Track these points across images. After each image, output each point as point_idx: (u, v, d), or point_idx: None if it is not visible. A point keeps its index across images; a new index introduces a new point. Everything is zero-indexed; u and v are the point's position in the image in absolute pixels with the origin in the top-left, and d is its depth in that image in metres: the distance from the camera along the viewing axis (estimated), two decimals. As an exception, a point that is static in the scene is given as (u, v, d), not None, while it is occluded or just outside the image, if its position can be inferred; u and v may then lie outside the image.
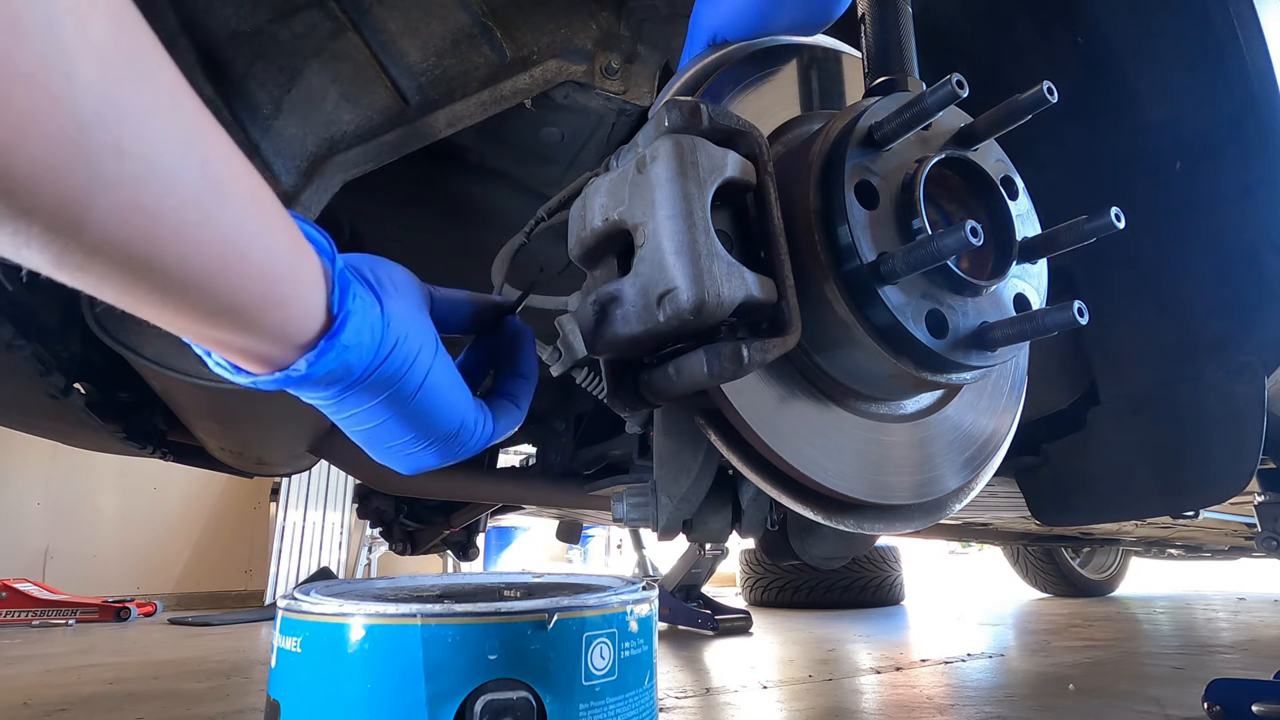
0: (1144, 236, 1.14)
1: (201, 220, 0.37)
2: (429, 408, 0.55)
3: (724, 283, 0.52)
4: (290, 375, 0.48)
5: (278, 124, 0.91)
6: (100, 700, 1.87)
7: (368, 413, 0.53)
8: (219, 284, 0.40)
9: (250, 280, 0.41)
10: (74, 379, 1.29)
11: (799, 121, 0.73)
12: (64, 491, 4.59)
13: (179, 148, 0.35)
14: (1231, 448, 1.13)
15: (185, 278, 0.38)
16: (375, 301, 0.51)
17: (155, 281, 0.37)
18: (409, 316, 0.53)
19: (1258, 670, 2.10)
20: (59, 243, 0.33)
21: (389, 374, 0.51)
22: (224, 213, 0.38)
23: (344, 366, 0.48)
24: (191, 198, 0.36)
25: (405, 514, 2.48)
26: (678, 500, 0.69)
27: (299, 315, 0.46)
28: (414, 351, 0.53)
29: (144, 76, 0.34)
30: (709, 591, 3.61)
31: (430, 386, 0.54)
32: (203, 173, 0.37)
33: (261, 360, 0.47)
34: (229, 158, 0.39)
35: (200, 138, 0.37)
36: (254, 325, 0.44)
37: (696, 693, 1.93)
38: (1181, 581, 6.17)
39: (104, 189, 0.32)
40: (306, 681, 0.72)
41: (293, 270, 0.45)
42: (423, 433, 0.56)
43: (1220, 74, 1.05)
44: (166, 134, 0.35)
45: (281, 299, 0.44)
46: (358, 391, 0.51)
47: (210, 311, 0.41)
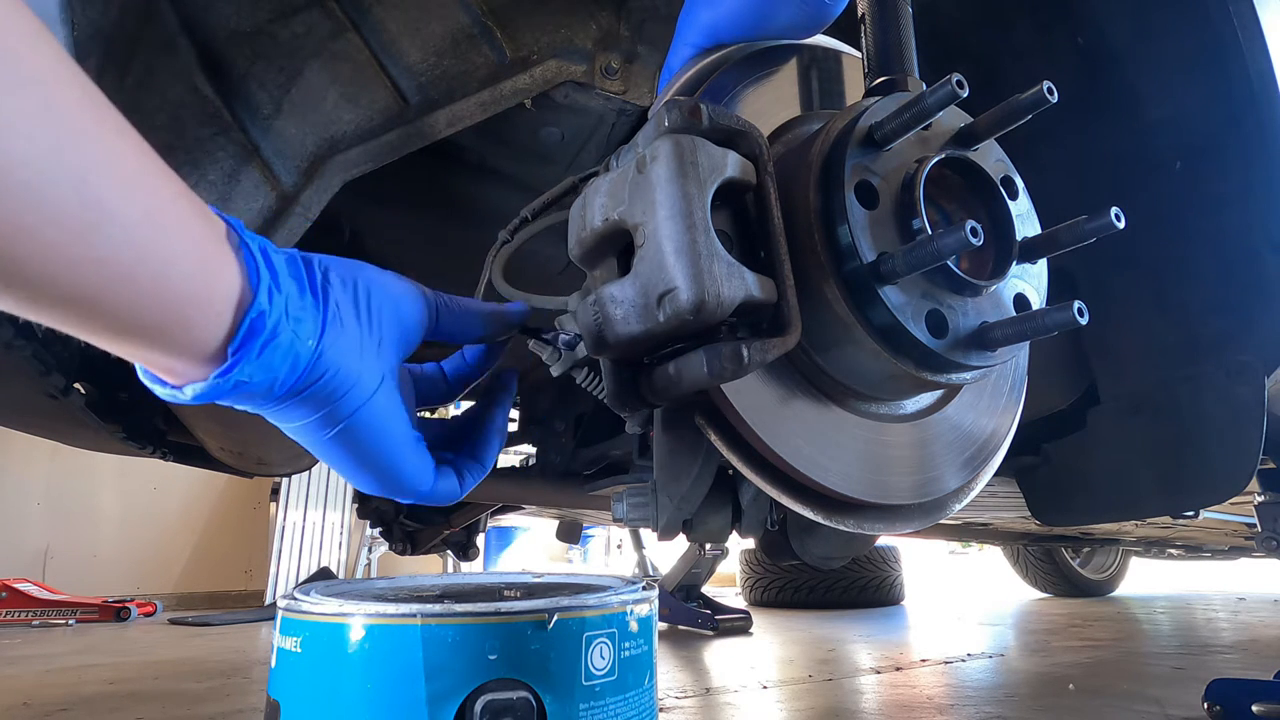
0: (1144, 236, 1.14)
1: (71, 240, 0.34)
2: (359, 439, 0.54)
3: (724, 283, 0.52)
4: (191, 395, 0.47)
5: (278, 124, 0.91)
6: (100, 700, 1.87)
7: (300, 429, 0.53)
8: (102, 302, 0.37)
9: (139, 300, 0.39)
10: (74, 379, 1.29)
11: (799, 121, 0.73)
12: (64, 491, 4.59)
13: (48, 161, 0.33)
14: (1231, 448, 1.13)
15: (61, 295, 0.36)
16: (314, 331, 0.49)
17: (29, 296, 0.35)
18: (351, 349, 0.52)
19: (1258, 670, 2.10)
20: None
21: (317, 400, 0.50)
22: (104, 233, 0.36)
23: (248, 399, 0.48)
24: (61, 215, 0.33)
25: (405, 514, 2.48)
26: (678, 500, 0.69)
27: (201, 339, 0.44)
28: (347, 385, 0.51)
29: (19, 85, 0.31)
30: (709, 591, 3.61)
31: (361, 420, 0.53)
32: (78, 190, 0.34)
33: (173, 374, 0.47)
34: (121, 169, 0.37)
35: (81, 152, 0.34)
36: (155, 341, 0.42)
37: (696, 693, 1.93)
38: (1181, 581, 6.17)
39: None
40: (306, 681, 0.72)
41: (194, 293, 0.43)
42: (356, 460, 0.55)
43: (1220, 73, 1.05)
44: (29, 146, 0.32)
45: (181, 320, 0.42)
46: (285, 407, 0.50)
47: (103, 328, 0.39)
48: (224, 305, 0.45)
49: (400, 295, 0.57)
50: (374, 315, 0.54)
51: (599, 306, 0.58)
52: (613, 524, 2.73)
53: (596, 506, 1.75)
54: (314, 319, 0.49)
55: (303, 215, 0.94)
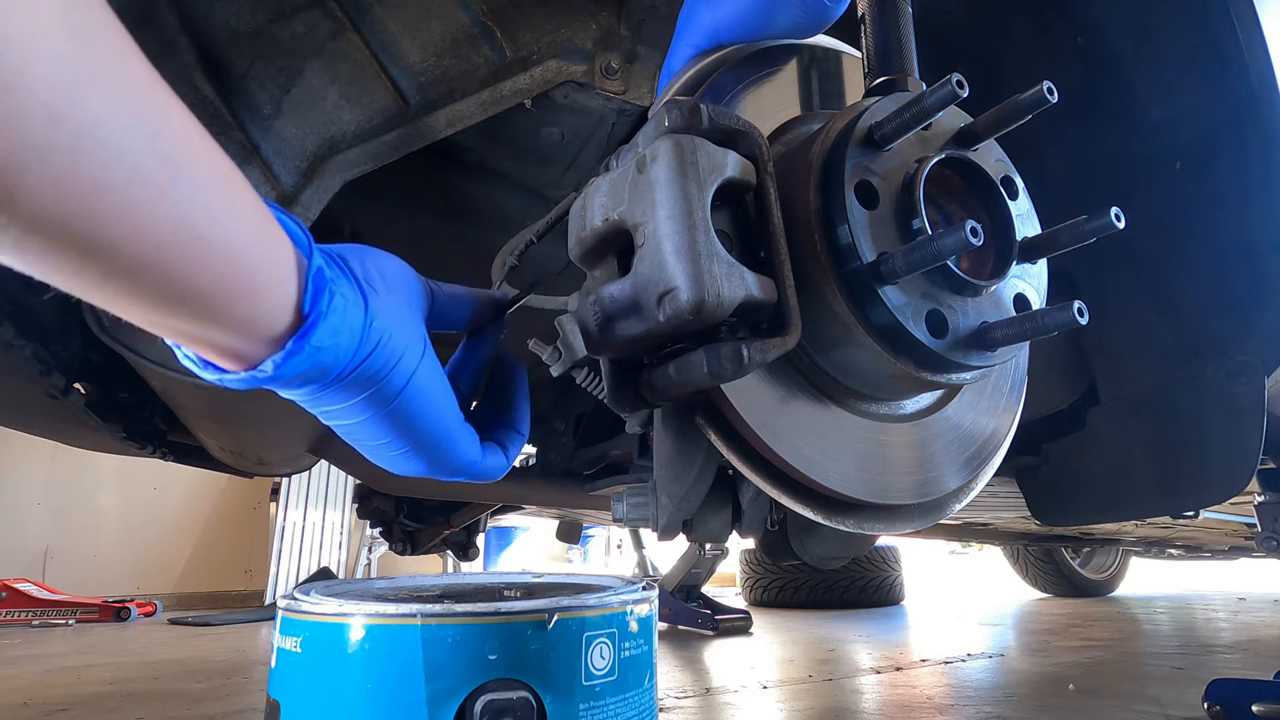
0: (1144, 236, 1.14)
1: (153, 198, 0.34)
2: (410, 412, 0.52)
3: (724, 283, 0.52)
4: (256, 375, 0.45)
5: (278, 124, 0.91)
6: (100, 700, 1.87)
7: (346, 410, 0.51)
8: (175, 268, 0.36)
9: (211, 266, 0.38)
10: (74, 379, 1.29)
11: (799, 121, 0.73)
12: (64, 491, 4.59)
13: (124, 117, 0.32)
14: (1231, 448, 1.13)
15: (137, 260, 0.35)
16: (359, 298, 0.48)
17: (103, 263, 0.34)
18: (395, 315, 0.51)
19: (1258, 670, 2.10)
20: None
21: (369, 374, 0.49)
22: (179, 190, 0.35)
23: (317, 367, 0.46)
24: (140, 172, 0.33)
25: (405, 514, 2.48)
26: (678, 500, 0.69)
27: (268, 310, 0.43)
28: (398, 352, 0.50)
29: (82, 34, 0.30)
30: (709, 591, 3.61)
31: (413, 390, 0.52)
32: (153, 146, 0.33)
33: (229, 355, 0.44)
34: (187, 132, 0.36)
35: (151, 108, 0.34)
36: (218, 316, 0.41)
37: (696, 693, 1.93)
38: (1181, 581, 6.17)
39: (37, 157, 0.29)
40: (306, 681, 0.72)
41: (261, 259, 0.41)
42: (404, 437, 0.54)
43: (1220, 74, 1.05)
44: (109, 100, 0.31)
45: (248, 290, 0.41)
46: (335, 389, 0.48)
47: (168, 298, 0.38)
48: (287, 269, 0.43)
49: (405, 271, 0.57)
50: (394, 287, 0.53)
51: (599, 306, 0.58)
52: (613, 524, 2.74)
53: (596, 506, 1.75)
54: (352, 288, 0.48)
55: (303, 215, 0.94)
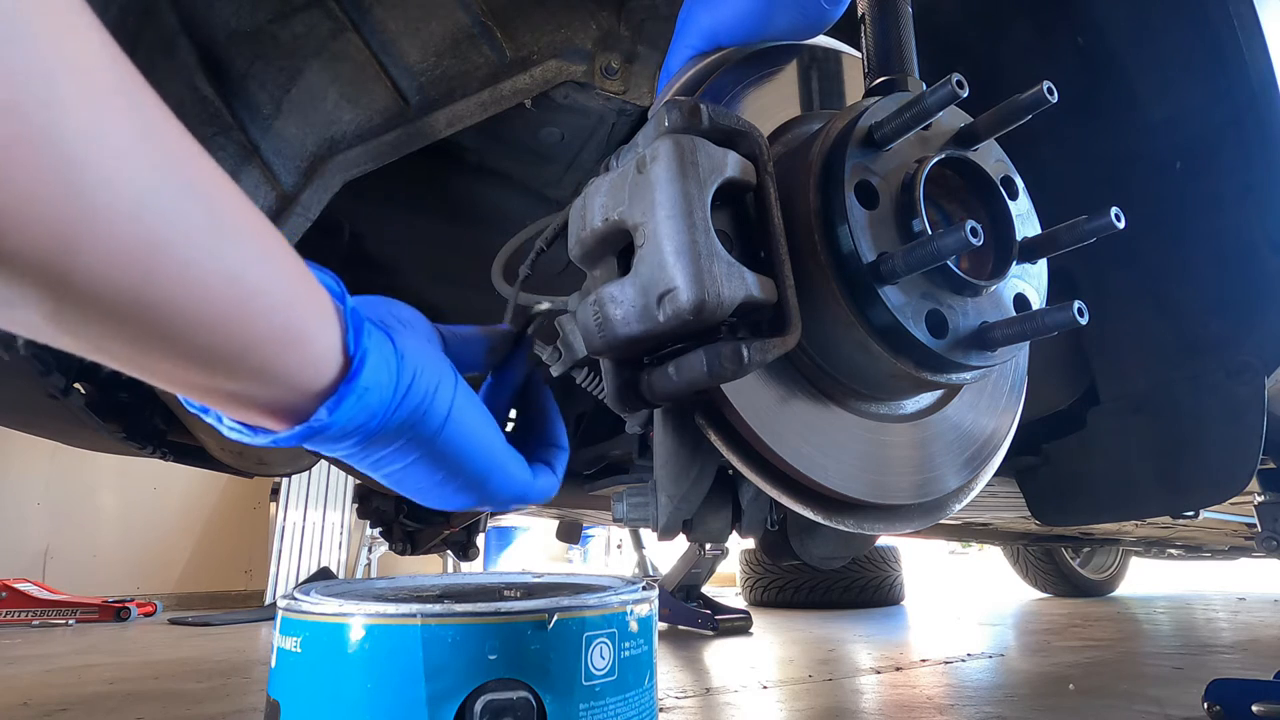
0: (1144, 236, 1.14)
1: (208, 255, 0.34)
2: (455, 446, 0.51)
3: (724, 283, 0.52)
4: (312, 426, 0.44)
5: (278, 124, 0.91)
6: (100, 700, 1.87)
7: (395, 454, 0.50)
8: (231, 325, 0.36)
9: (264, 318, 0.38)
10: (74, 379, 1.29)
11: (799, 121, 0.73)
12: (64, 491, 4.59)
13: (175, 178, 0.32)
14: (1231, 448, 1.13)
15: (196, 321, 0.35)
16: (385, 337, 0.48)
17: (162, 328, 0.34)
18: (421, 351, 0.50)
19: (1258, 670, 2.10)
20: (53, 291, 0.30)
21: (410, 410, 0.48)
22: (230, 246, 0.35)
23: (365, 411, 0.45)
24: (193, 231, 0.33)
25: (405, 514, 2.48)
26: (678, 500, 0.69)
27: (315, 356, 0.43)
28: (432, 386, 0.49)
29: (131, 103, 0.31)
30: (709, 591, 3.61)
31: (453, 423, 0.51)
32: (204, 205, 0.34)
33: (278, 413, 0.44)
34: (228, 188, 0.36)
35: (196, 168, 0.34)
36: (269, 370, 0.40)
37: (696, 693, 1.93)
38: (1181, 581, 6.17)
39: (98, 224, 0.29)
40: (306, 681, 0.72)
41: (306, 307, 0.41)
42: (453, 472, 0.53)
43: (1220, 74, 1.05)
44: (160, 163, 0.32)
45: (298, 337, 0.41)
46: (379, 434, 0.48)
47: (222, 357, 0.38)
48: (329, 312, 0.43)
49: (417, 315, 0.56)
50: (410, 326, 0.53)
51: (599, 306, 0.58)
52: (613, 524, 2.73)
53: (596, 506, 1.75)
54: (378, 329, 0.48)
55: (303, 215, 0.94)
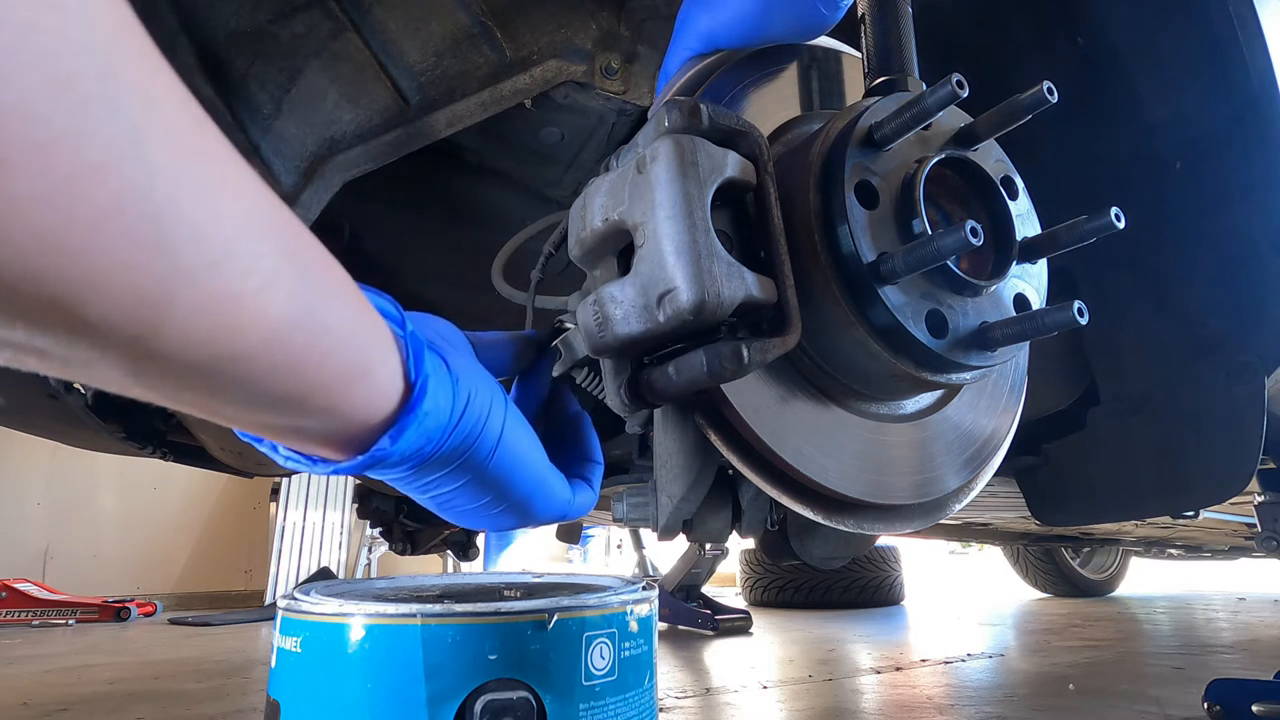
0: (1144, 236, 1.14)
1: (286, 298, 0.33)
2: (505, 469, 0.51)
3: (724, 283, 0.52)
4: (375, 455, 0.43)
5: (278, 124, 0.91)
6: (100, 700, 1.87)
7: (446, 478, 0.49)
8: (304, 366, 0.36)
9: (334, 356, 0.38)
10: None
11: (799, 121, 0.73)
12: (64, 491, 4.59)
13: (254, 223, 0.32)
14: (1231, 448, 1.13)
15: (270, 364, 0.34)
16: (441, 360, 0.47)
17: (239, 375, 0.33)
18: (473, 372, 0.49)
19: (1258, 670, 2.10)
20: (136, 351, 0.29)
21: (463, 436, 0.48)
22: (302, 285, 0.35)
23: (425, 437, 0.45)
24: (272, 276, 0.32)
25: (405, 514, 2.48)
26: (678, 500, 0.69)
27: (380, 389, 0.42)
28: (485, 410, 0.49)
29: (211, 153, 0.30)
30: (709, 591, 3.61)
31: (505, 446, 0.50)
32: (277, 245, 0.33)
33: (339, 443, 0.43)
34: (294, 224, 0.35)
35: (268, 208, 0.33)
36: (336, 408, 0.40)
37: (696, 693, 1.93)
38: (1181, 581, 6.17)
39: (186, 281, 0.28)
40: (306, 681, 0.72)
41: (371, 338, 0.41)
42: (499, 496, 0.52)
43: (1220, 74, 1.05)
44: (240, 210, 0.31)
45: (365, 371, 0.40)
46: (435, 460, 0.47)
47: (294, 398, 0.37)
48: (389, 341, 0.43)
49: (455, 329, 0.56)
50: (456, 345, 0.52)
51: (599, 306, 0.58)
52: (613, 524, 2.74)
53: (597, 506, 1.75)
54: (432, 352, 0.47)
55: (303, 216, 0.94)
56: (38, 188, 0.23)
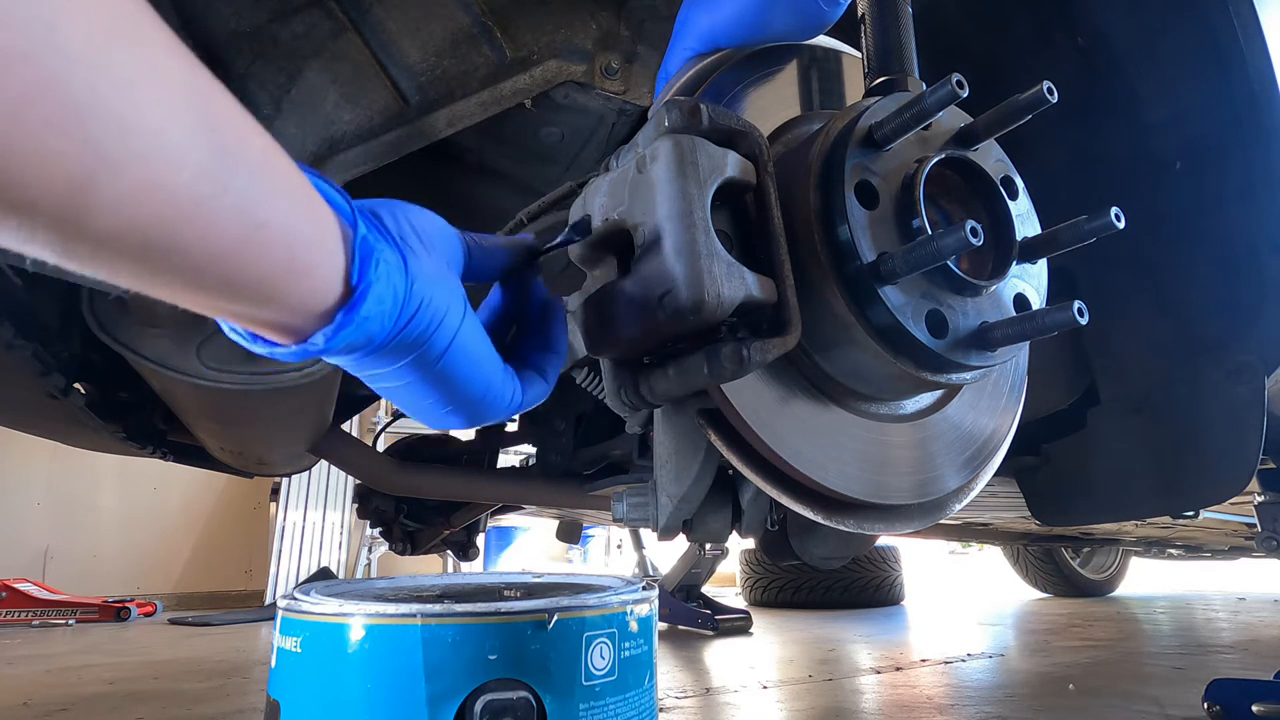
0: (1144, 236, 1.14)
1: (218, 192, 0.33)
2: (454, 372, 0.52)
3: (724, 283, 0.52)
4: (307, 349, 0.45)
5: (278, 124, 0.91)
6: (100, 700, 1.87)
7: (390, 374, 0.50)
8: (240, 258, 0.36)
9: (272, 251, 0.38)
10: (74, 379, 1.28)
11: (799, 121, 0.73)
12: (64, 491, 4.59)
13: (186, 115, 0.31)
14: (1231, 448, 1.13)
15: (205, 255, 0.34)
16: (400, 260, 0.47)
17: (172, 263, 0.34)
18: (434, 277, 0.50)
19: (1258, 670, 2.10)
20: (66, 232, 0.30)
21: (412, 338, 0.48)
22: (240, 180, 0.34)
23: (364, 335, 0.45)
24: (205, 169, 0.32)
25: (405, 514, 2.48)
26: (678, 500, 0.69)
27: (321, 285, 0.42)
28: (440, 314, 0.49)
29: (138, 40, 0.30)
30: (709, 591, 3.61)
31: (455, 350, 0.51)
32: (212, 139, 0.33)
33: (279, 330, 0.44)
34: (237, 118, 0.36)
35: (205, 101, 0.33)
36: (275, 298, 0.40)
37: (696, 693, 1.93)
38: (1181, 581, 6.17)
39: (110, 170, 0.29)
40: (306, 681, 0.72)
41: (313, 234, 0.41)
42: (447, 396, 0.53)
43: (1220, 74, 1.05)
44: (170, 102, 0.31)
45: (304, 268, 0.40)
46: (379, 355, 0.48)
47: (229, 287, 0.38)
48: (335, 241, 0.43)
49: (442, 226, 0.56)
50: (430, 244, 0.52)
51: (599, 306, 0.58)
52: (613, 524, 2.74)
53: (596, 506, 1.75)
54: (392, 250, 0.47)
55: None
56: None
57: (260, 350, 0.46)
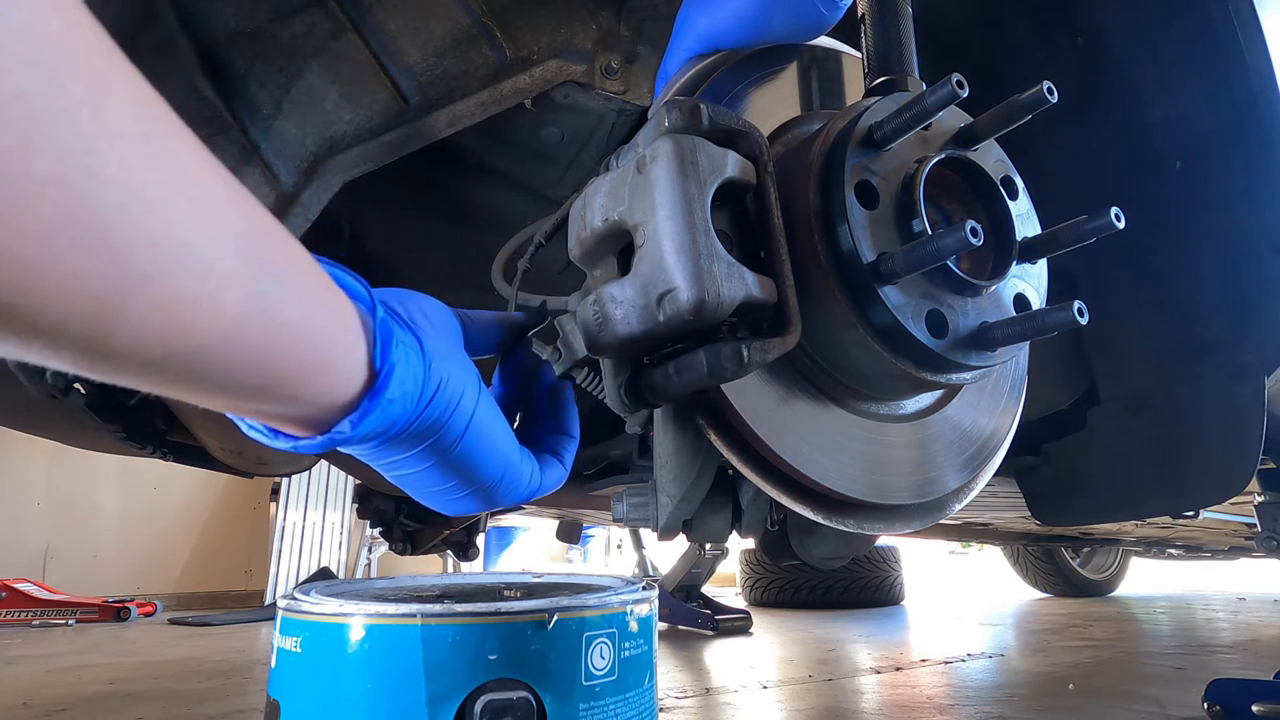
0: (1144, 236, 1.14)
1: (244, 297, 0.33)
2: (472, 455, 0.51)
3: (724, 283, 0.52)
4: (334, 438, 0.44)
5: (278, 124, 0.91)
6: (100, 700, 1.87)
7: (407, 460, 0.50)
8: (263, 360, 0.36)
9: (296, 349, 0.38)
10: (74, 379, 1.29)
11: (799, 121, 0.73)
12: (64, 491, 4.59)
13: (211, 224, 0.31)
14: (1231, 448, 1.13)
15: (228, 360, 0.34)
16: (415, 343, 0.47)
17: (196, 370, 0.34)
18: (448, 356, 0.49)
19: (1258, 670, 2.10)
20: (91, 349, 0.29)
21: (430, 421, 0.48)
22: (263, 283, 0.34)
23: (389, 420, 0.45)
24: (229, 276, 0.32)
25: (405, 514, 2.48)
26: (678, 500, 0.69)
27: (344, 377, 0.42)
28: (457, 396, 0.49)
29: (169, 154, 0.30)
30: (709, 591, 3.61)
31: (474, 430, 0.50)
32: (237, 245, 0.33)
33: (301, 424, 0.44)
34: (259, 218, 0.35)
35: (230, 207, 0.33)
36: (297, 395, 0.40)
37: (696, 693, 1.93)
38: (1181, 581, 6.17)
39: (139, 286, 0.28)
40: (306, 681, 0.72)
41: (335, 330, 0.41)
42: (465, 480, 0.53)
43: (1221, 74, 1.05)
44: (197, 213, 0.31)
45: (325, 364, 0.41)
46: (399, 441, 0.47)
47: (252, 388, 0.37)
48: (356, 331, 0.43)
49: (442, 308, 0.56)
50: (439, 326, 0.52)
51: (599, 306, 0.58)
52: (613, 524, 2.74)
53: (596, 506, 1.75)
54: (407, 332, 0.47)
55: (303, 215, 0.94)
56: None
57: (283, 445, 0.46)
